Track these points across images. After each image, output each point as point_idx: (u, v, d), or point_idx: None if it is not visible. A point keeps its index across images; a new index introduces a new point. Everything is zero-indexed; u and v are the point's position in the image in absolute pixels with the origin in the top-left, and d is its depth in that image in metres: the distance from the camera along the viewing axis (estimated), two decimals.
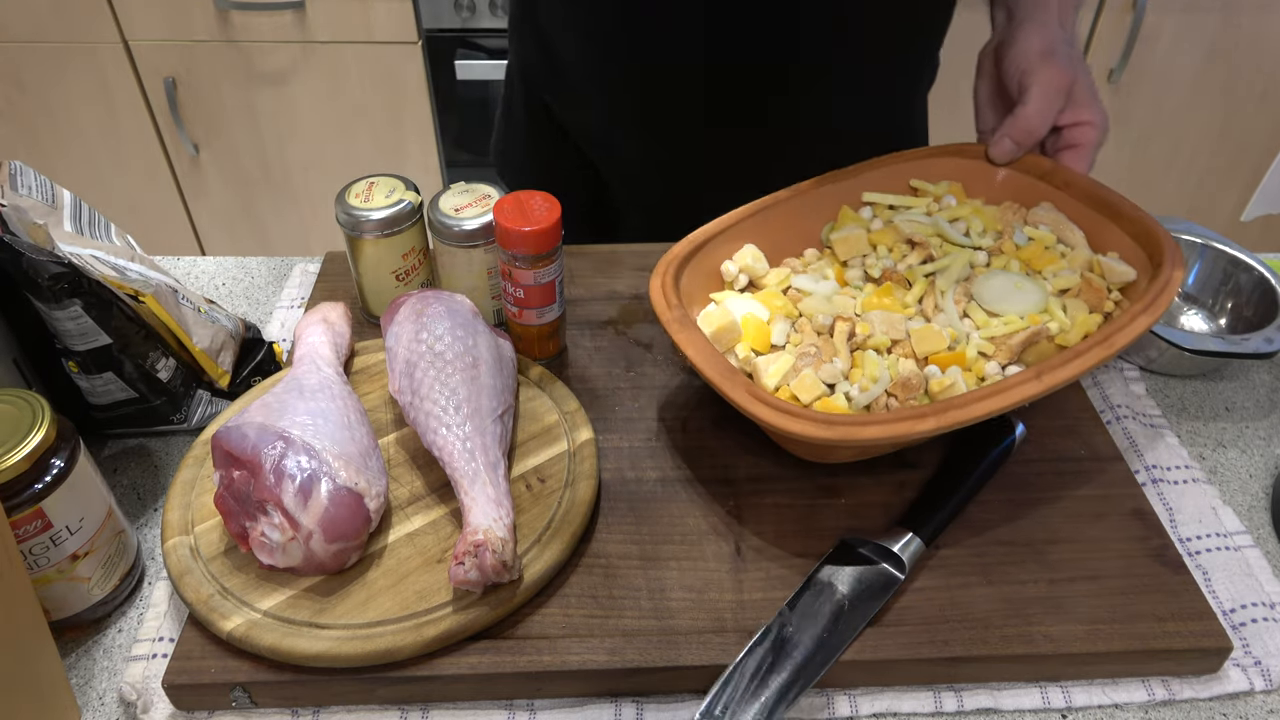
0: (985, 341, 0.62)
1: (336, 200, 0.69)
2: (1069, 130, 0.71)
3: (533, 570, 0.54)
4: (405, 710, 0.52)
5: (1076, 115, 0.70)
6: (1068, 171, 0.70)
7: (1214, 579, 0.58)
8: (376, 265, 0.71)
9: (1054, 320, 0.63)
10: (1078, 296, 0.64)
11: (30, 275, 0.56)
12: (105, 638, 0.56)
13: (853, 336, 0.62)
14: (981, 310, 0.64)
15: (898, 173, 0.74)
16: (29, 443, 0.49)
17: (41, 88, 1.73)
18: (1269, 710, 0.53)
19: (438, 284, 0.74)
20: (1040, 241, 0.68)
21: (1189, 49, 1.66)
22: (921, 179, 0.74)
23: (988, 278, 0.66)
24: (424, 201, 0.70)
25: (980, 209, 0.72)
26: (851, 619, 0.53)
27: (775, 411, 0.53)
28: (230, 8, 1.64)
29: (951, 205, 0.72)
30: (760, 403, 0.54)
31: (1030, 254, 0.67)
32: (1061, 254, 0.68)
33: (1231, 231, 1.80)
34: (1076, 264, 0.66)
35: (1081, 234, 0.69)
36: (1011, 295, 0.64)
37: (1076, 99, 0.70)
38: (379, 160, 1.83)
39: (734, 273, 0.67)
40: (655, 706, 0.52)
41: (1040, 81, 0.69)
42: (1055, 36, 0.71)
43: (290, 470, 0.52)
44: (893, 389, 0.58)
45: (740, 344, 0.63)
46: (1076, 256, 0.67)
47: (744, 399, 0.54)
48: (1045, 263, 0.67)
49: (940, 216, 0.71)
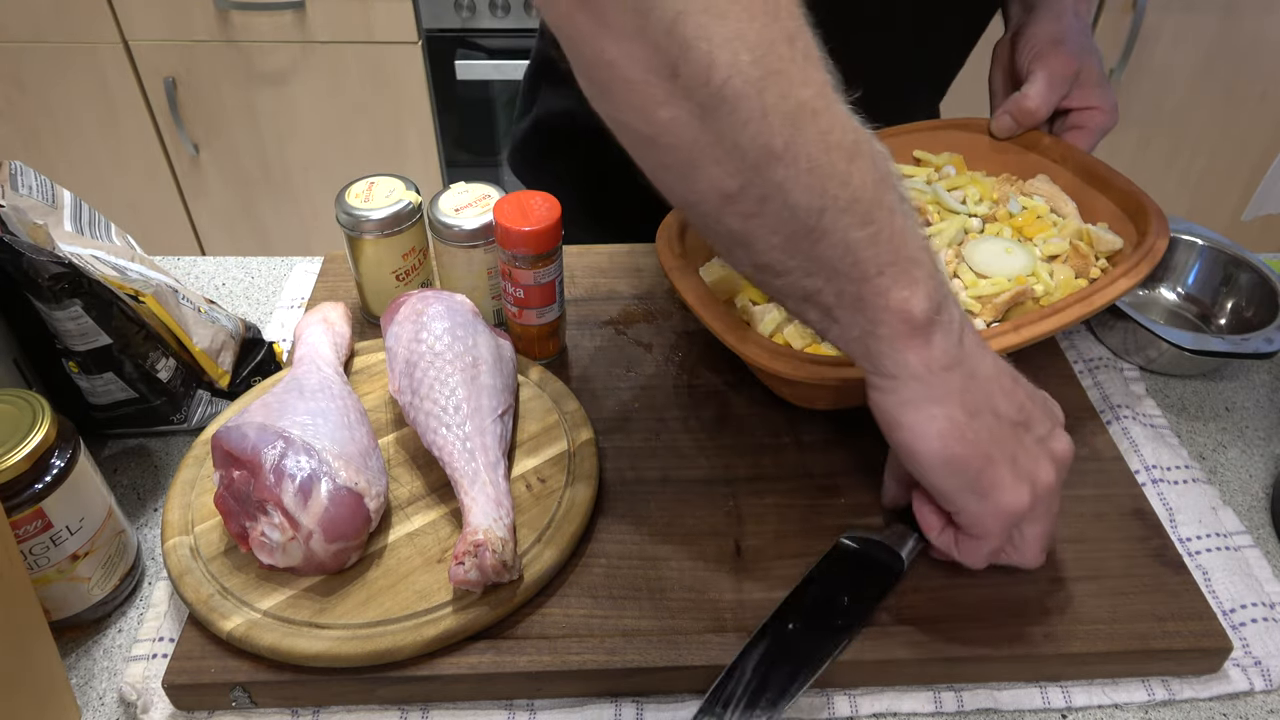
0: (973, 300, 0.65)
1: (336, 200, 0.69)
2: (1076, 113, 0.74)
3: (533, 570, 0.54)
4: (405, 710, 0.52)
5: (1085, 100, 0.73)
6: (1065, 146, 0.74)
7: (1214, 579, 0.58)
8: (377, 265, 0.71)
9: (1040, 283, 0.66)
10: (1065, 263, 0.68)
11: (30, 275, 0.56)
12: (105, 638, 0.56)
13: None
14: (971, 272, 0.67)
15: (904, 143, 0.78)
16: (29, 443, 0.49)
17: (41, 88, 1.73)
18: (1269, 710, 0.53)
19: (438, 284, 0.75)
20: (1033, 211, 0.72)
21: (1189, 49, 1.66)
22: (925, 150, 0.78)
23: (979, 242, 0.69)
24: (424, 201, 0.70)
25: (978, 179, 0.75)
26: (851, 616, 0.53)
27: (761, 350, 0.58)
28: (230, 8, 1.64)
29: (951, 175, 0.76)
30: (750, 342, 0.58)
31: (1023, 222, 0.71)
32: (1053, 223, 0.71)
33: (1231, 231, 1.80)
34: (1066, 232, 0.70)
35: (1073, 205, 0.73)
36: (1001, 259, 0.68)
37: (1084, 84, 0.73)
38: (379, 160, 1.83)
39: None
40: (655, 706, 0.52)
41: (1046, 66, 0.72)
42: (1068, 25, 0.73)
43: (290, 470, 0.52)
44: None
45: (740, 295, 0.66)
46: (1066, 225, 0.71)
47: (734, 339, 0.58)
48: (1036, 230, 0.70)
49: (939, 185, 0.74)
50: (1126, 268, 0.62)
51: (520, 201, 0.64)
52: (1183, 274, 0.81)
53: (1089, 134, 0.74)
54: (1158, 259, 0.63)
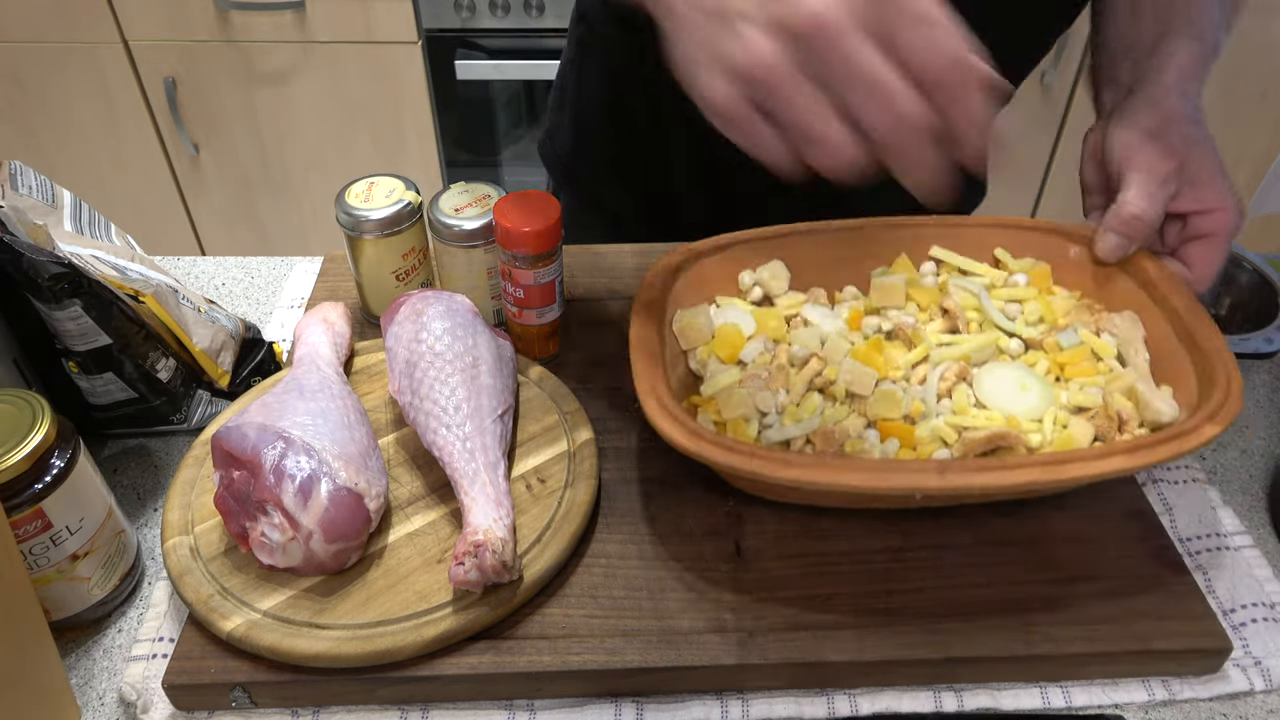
0: (948, 428, 0.56)
1: (336, 200, 0.69)
2: (1195, 219, 0.62)
3: (533, 570, 0.54)
4: (405, 710, 0.52)
5: (1201, 201, 0.61)
6: (1173, 285, 0.61)
7: (1214, 579, 0.58)
8: (376, 265, 0.71)
9: (1037, 433, 0.56)
10: (1091, 420, 0.57)
11: (30, 275, 0.56)
12: (105, 638, 0.56)
13: (818, 377, 0.60)
14: (971, 397, 0.59)
15: (985, 237, 0.68)
16: (29, 443, 0.49)
17: (41, 88, 1.73)
18: (1269, 710, 0.53)
19: (438, 284, 0.74)
20: (1084, 349, 0.61)
21: None
22: (1008, 250, 0.67)
23: (996, 367, 0.60)
24: (424, 201, 0.70)
25: (1046, 298, 0.64)
26: None
27: (656, 405, 0.53)
28: (230, 8, 1.64)
29: (1018, 285, 0.65)
30: (651, 395, 0.53)
31: (1067, 359, 0.60)
32: (1105, 370, 0.60)
33: None
34: (1113, 386, 0.58)
35: (1145, 358, 0.60)
36: (1011, 393, 0.58)
37: (1195, 180, 0.61)
38: (379, 160, 1.83)
39: (748, 283, 0.66)
40: (655, 706, 0.52)
41: (1139, 165, 0.60)
42: (1169, 112, 0.62)
43: (290, 470, 0.52)
44: (814, 436, 0.56)
45: (703, 347, 0.62)
46: (1117, 378, 0.58)
47: (641, 385, 0.54)
48: (1078, 374, 0.60)
49: (985, 291, 0.64)
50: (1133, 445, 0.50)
51: (520, 202, 0.64)
52: None
53: (1217, 244, 0.61)
54: (1182, 451, 0.50)
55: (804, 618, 0.54)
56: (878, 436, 0.57)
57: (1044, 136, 1.75)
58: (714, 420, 0.58)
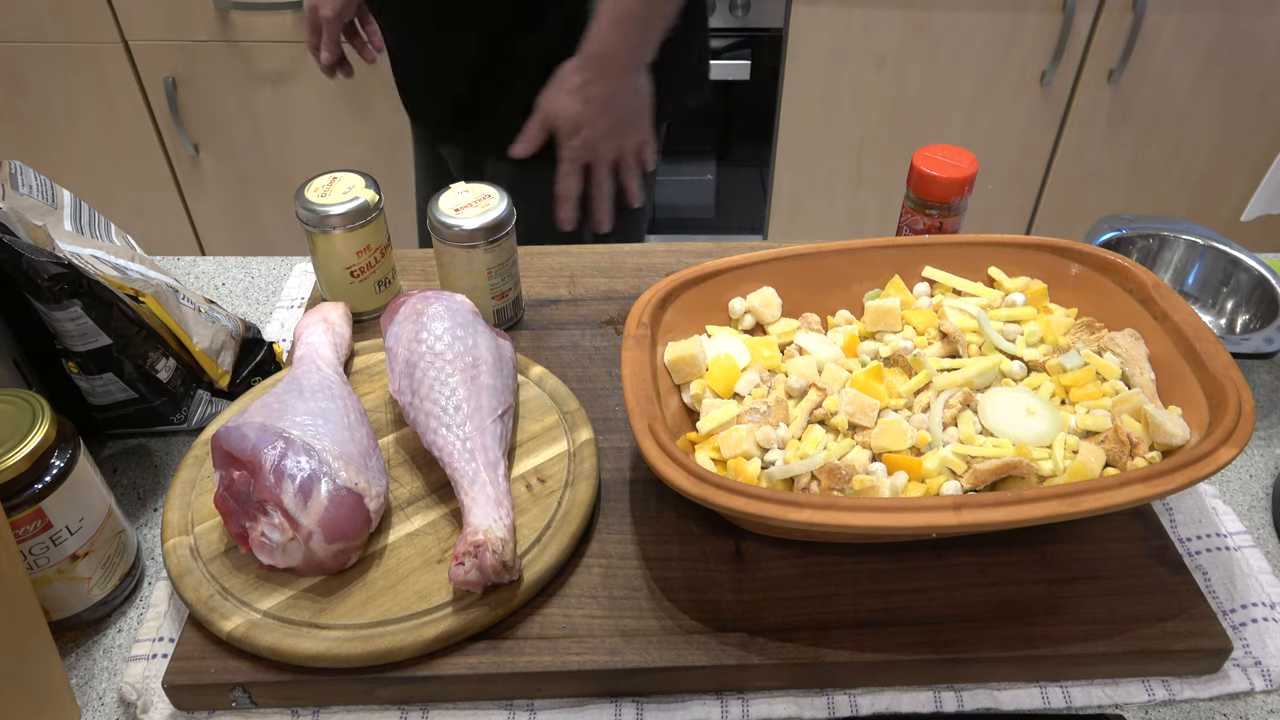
0: (956, 458, 0.54)
1: (296, 194, 0.70)
2: None
3: (533, 570, 0.54)
4: (405, 710, 0.52)
5: None
6: (1172, 301, 0.59)
7: (1214, 579, 0.58)
8: (330, 260, 0.71)
9: (1048, 460, 0.54)
10: (1101, 444, 0.55)
11: (30, 275, 0.56)
12: (105, 638, 0.56)
13: (818, 409, 0.58)
14: (977, 424, 0.57)
15: (980, 255, 0.66)
16: (29, 443, 0.49)
17: (41, 88, 1.73)
18: (1269, 710, 0.53)
19: (438, 284, 0.74)
20: (1089, 370, 0.58)
21: (1189, 49, 1.66)
22: (1002, 269, 0.66)
23: (1001, 392, 0.58)
24: (381, 199, 0.70)
25: (1045, 318, 0.63)
26: None
27: (654, 447, 0.51)
28: (230, 8, 1.64)
29: (1016, 304, 0.64)
30: (649, 435, 0.52)
31: (1072, 381, 0.58)
32: (1111, 392, 0.58)
33: (1231, 231, 1.79)
34: (1121, 408, 0.56)
35: (1151, 377, 0.58)
36: (1018, 419, 0.56)
37: None
38: (379, 160, 1.83)
39: (739, 311, 0.65)
40: (655, 706, 0.52)
41: None
42: None
43: (290, 470, 0.52)
44: (819, 472, 0.53)
45: (697, 381, 0.60)
46: (1125, 399, 0.56)
47: (638, 424, 0.53)
48: (1084, 396, 0.58)
49: (989, 314, 0.62)
50: (1150, 473, 0.48)
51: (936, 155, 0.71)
52: (1183, 274, 0.81)
53: None
54: (1200, 477, 0.48)
55: (804, 618, 0.54)
56: (884, 470, 0.55)
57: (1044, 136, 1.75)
58: (713, 458, 0.56)
